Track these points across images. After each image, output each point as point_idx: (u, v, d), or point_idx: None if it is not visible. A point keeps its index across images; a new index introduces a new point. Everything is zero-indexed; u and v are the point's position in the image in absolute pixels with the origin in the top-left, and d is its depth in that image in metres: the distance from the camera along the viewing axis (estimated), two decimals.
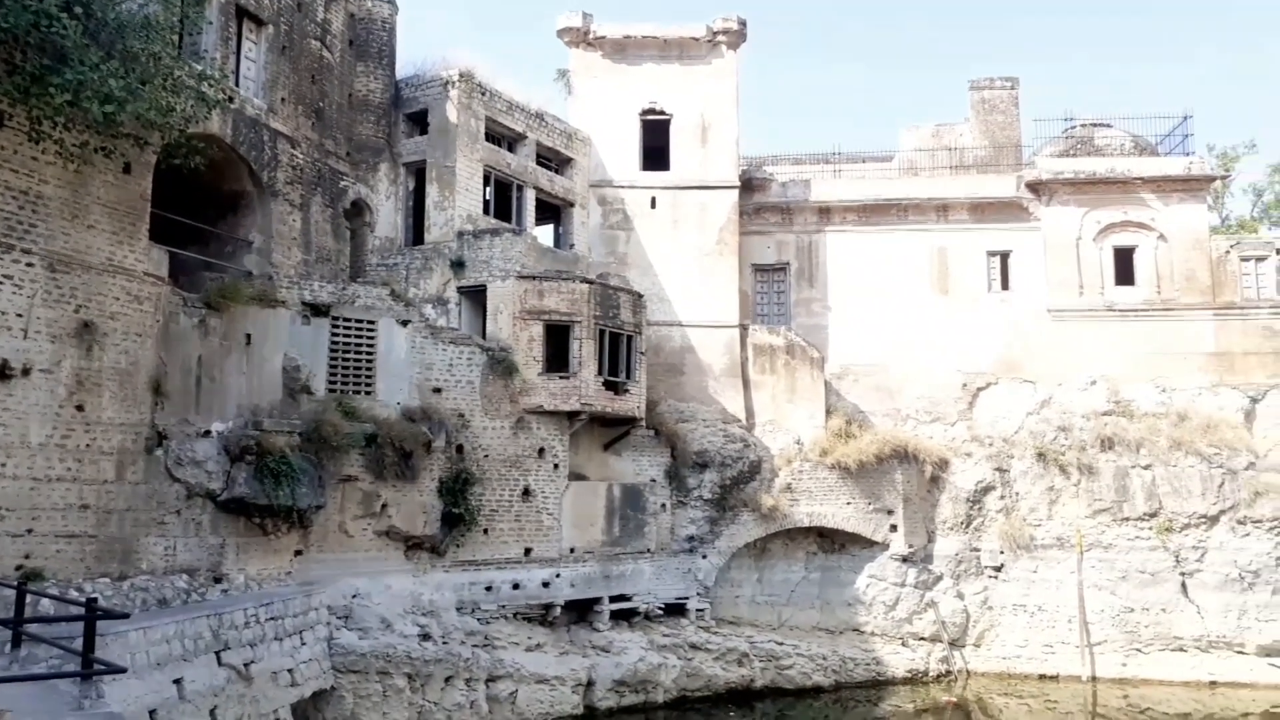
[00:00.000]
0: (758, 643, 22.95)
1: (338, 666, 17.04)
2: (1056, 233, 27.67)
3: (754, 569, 24.72)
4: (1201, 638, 23.71)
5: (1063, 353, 26.98)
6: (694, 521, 23.98)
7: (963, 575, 24.85)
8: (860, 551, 24.74)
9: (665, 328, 25.78)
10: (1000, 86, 30.82)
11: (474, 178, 23.12)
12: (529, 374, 20.88)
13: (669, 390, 25.34)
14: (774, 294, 28.59)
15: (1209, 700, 22.43)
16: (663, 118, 26.83)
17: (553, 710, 19.53)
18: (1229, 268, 27.19)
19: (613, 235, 26.39)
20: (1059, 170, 27.85)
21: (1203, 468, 24.38)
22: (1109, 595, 24.10)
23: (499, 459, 20.54)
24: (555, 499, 21.17)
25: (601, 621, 21.75)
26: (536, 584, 20.84)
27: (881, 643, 24.06)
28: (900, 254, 28.15)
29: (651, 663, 21.13)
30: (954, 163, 30.01)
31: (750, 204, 27.90)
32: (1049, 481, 25.01)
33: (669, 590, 23.31)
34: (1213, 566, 23.90)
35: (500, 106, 24.03)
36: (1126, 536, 24.36)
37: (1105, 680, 23.53)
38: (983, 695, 22.90)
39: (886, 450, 24.79)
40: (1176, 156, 28.51)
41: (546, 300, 21.27)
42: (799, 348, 26.36)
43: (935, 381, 27.33)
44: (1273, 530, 23.70)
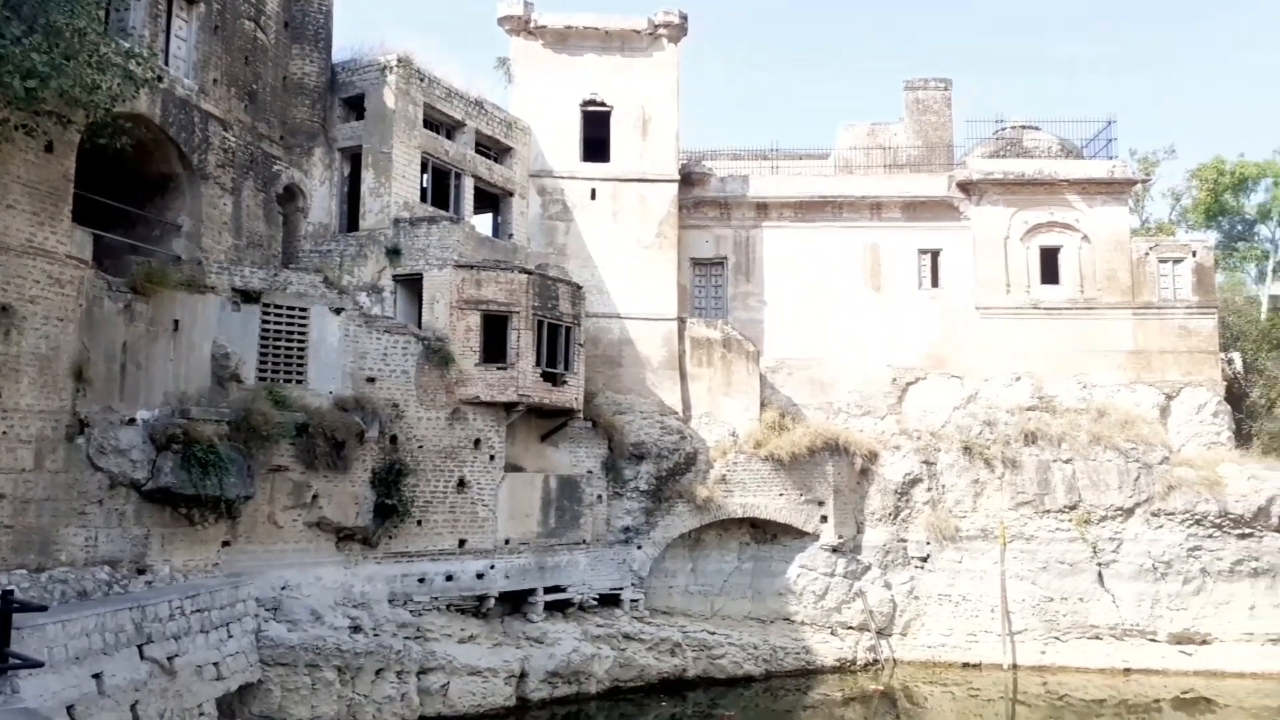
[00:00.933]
0: (691, 632, 23.18)
1: (265, 659, 16.81)
2: (985, 232, 28.38)
3: (688, 559, 24.95)
4: (1116, 626, 24.60)
5: (990, 349, 27.73)
6: (630, 512, 24.10)
7: (890, 565, 25.40)
8: (792, 542, 25.13)
9: (604, 320, 25.81)
10: (934, 88, 31.44)
11: (411, 164, 22.84)
12: (465, 364, 20.74)
13: (607, 382, 25.39)
14: (712, 288, 28.82)
15: (1123, 687, 23.29)
16: (603, 109, 26.82)
17: (485, 702, 19.49)
18: (1148, 269, 28.19)
19: (552, 226, 26.31)
20: (989, 171, 28.54)
21: (1120, 462, 25.26)
22: (1030, 585, 24.86)
23: (434, 450, 20.38)
24: (491, 490, 21.08)
25: (536, 613, 21.74)
26: (470, 576, 20.75)
27: (811, 632, 24.50)
28: (835, 250, 28.59)
29: (585, 654, 21.21)
30: (888, 162, 30.56)
31: (689, 198, 28.07)
32: (974, 474, 25.68)
33: (604, 581, 23.40)
34: (1128, 557, 24.79)
35: (439, 93, 23.76)
36: (1047, 528, 25.14)
37: (1025, 668, 24.26)
38: (908, 683, 23.46)
39: (819, 443, 25.20)
40: (1101, 160, 29.43)
41: (484, 290, 21.13)
42: (735, 341, 26.62)
43: (867, 376, 27.87)
44: (1184, 522, 24.66)
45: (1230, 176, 41.48)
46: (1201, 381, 27.46)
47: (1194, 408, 27.13)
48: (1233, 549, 24.46)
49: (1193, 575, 24.55)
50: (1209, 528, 24.52)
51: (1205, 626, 24.35)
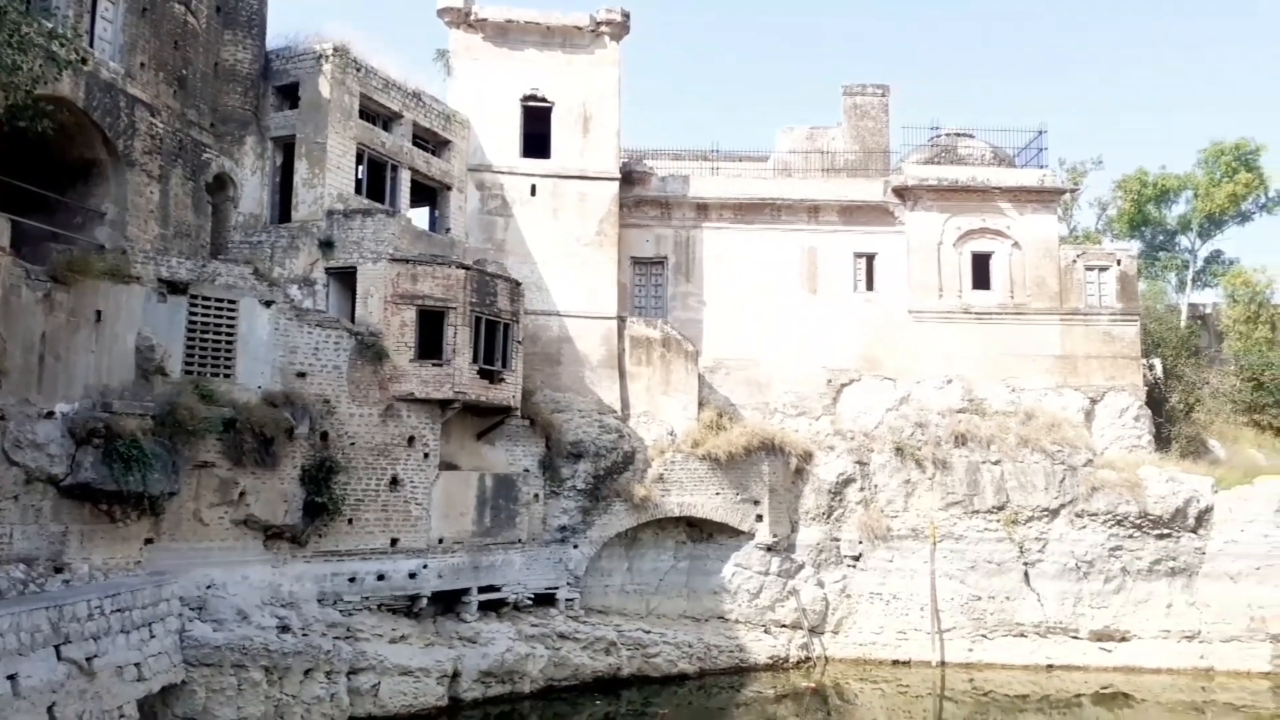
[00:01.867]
0: (626, 631, 23.18)
1: (190, 660, 16.36)
2: (919, 237, 28.89)
3: (624, 558, 24.94)
4: (1041, 624, 25.22)
5: (922, 352, 28.25)
6: (567, 511, 23.99)
7: (823, 564, 25.70)
8: (727, 541, 25.27)
9: (543, 317, 25.66)
10: (872, 93, 31.88)
11: (346, 156, 22.44)
12: (400, 360, 20.44)
13: (546, 380, 25.25)
14: (652, 287, 28.85)
15: (1046, 682, 23.89)
16: (544, 105, 26.66)
17: (416, 702, 19.25)
18: (1075, 276, 28.97)
19: (491, 221, 26.08)
20: (923, 177, 29.06)
21: (1046, 464, 25.90)
22: (958, 584, 25.37)
23: (366, 447, 20.05)
24: (425, 489, 20.81)
25: (469, 612, 21.53)
26: (403, 575, 20.45)
27: (745, 630, 24.67)
28: (773, 252, 28.84)
29: (519, 653, 21.06)
30: (826, 166, 30.91)
31: (630, 196, 28.06)
32: (906, 475, 26.11)
33: (539, 580, 23.26)
34: (1052, 557, 25.44)
35: (376, 84, 23.39)
36: (976, 528, 25.67)
37: (953, 665, 24.77)
38: (840, 681, 23.76)
39: (755, 442, 25.38)
40: (1032, 169, 30.15)
41: (420, 285, 20.85)
42: (675, 341, 26.69)
43: (803, 376, 28.17)
44: (1106, 523, 25.38)
45: (1153, 188, 42.87)
46: (1124, 386, 28.32)
47: (1117, 411, 27.97)
48: (1151, 549, 25.25)
49: (1114, 574, 25.28)
50: (1129, 528, 25.27)
51: (1125, 624, 25.10)
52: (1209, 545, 25.13)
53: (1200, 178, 42.45)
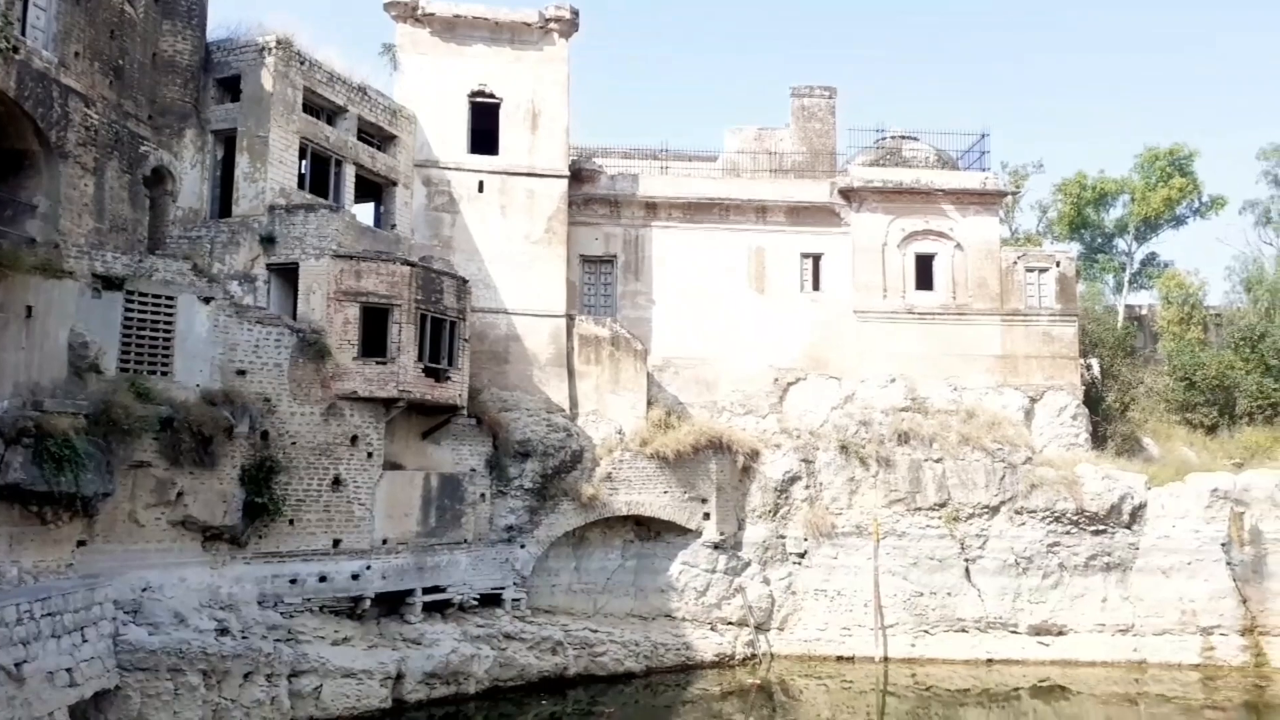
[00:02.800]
0: (572, 631, 23.13)
1: (124, 664, 15.96)
2: (864, 238, 29.23)
3: (572, 557, 24.89)
4: (981, 619, 25.69)
5: (866, 351, 28.62)
6: (514, 511, 23.87)
7: (769, 561, 25.90)
8: (675, 539, 25.35)
9: (491, 315, 25.50)
10: (819, 95, 32.18)
11: (289, 150, 22.07)
12: (343, 358, 20.17)
13: (493, 378, 25.10)
14: (601, 285, 28.82)
15: (986, 677, 24.34)
16: (492, 101, 26.48)
17: (360, 704, 19.02)
18: (1016, 277, 29.54)
19: (437, 217, 25.83)
20: (869, 179, 29.41)
21: (987, 462, 26.38)
22: (901, 580, 25.74)
23: (308, 446, 19.75)
24: (368, 489, 20.56)
25: (414, 613, 21.32)
26: (345, 576, 20.19)
27: (692, 628, 24.77)
28: (722, 252, 29.00)
29: (464, 654, 20.91)
30: (774, 166, 31.14)
31: (580, 194, 27.99)
32: (850, 473, 26.42)
33: (485, 580, 23.12)
34: (993, 553, 25.92)
35: (320, 77, 23.03)
36: (919, 525, 26.06)
37: (896, 660, 25.14)
38: (785, 677, 23.97)
39: (703, 441, 25.49)
40: (974, 171, 30.67)
41: (364, 281, 20.58)
42: (624, 339, 26.69)
43: (750, 375, 28.37)
44: (1045, 519, 25.93)
45: (1091, 191, 43.85)
46: (1062, 385, 28.96)
47: (1055, 410, 28.58)
48: (1088, 545, 25.85)
49: (1051, 570, 25.84)
50: (1067, 525, 25.84)
51: (1062, 618, 25.68)
52: (1142, 541, 25.80)
53: (1137, 182, 43.52)
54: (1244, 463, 28.15)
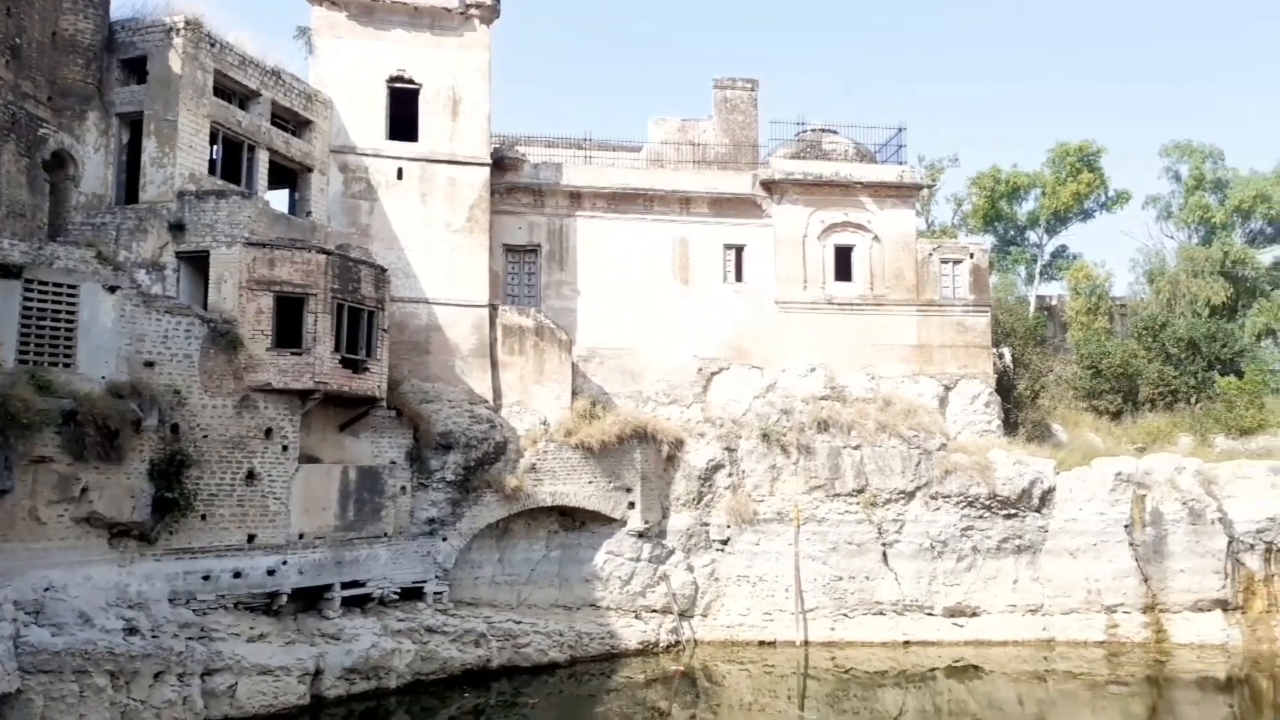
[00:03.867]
0: (496, 623, 23.00)
1: (26, 667, 15.41)
2: (786, 230, 29.59)
3: (495, 549, 24.74)
4: (898, 602, 26.30)
5: (788, 341, 29.01)
6: (435, 504, 23.60)
7: (693, 549, 26.12)
8: (600, 529, 25.38)
9: (411, 305, 25.13)
10: (741, 87, 32.38)
11: (199, 134, 21.40)
12: (256, 349, 19.67)
13: (413, 369, 24.75)
14: (525, 275, 28.61)
15: (902, 658, 24.94)
16: (412, 86, 26.03)
17: (277, 702, 18.62)
18: (931, 269, 30.24)
19: (355, 205, 25.33)
20: (790, 171, 29.76)
21: (903, 449, 26.98)
22: (821, 565, 26.20)
23: (220, 440, 19.23)
24: (284, 483, 20.11)
25: (332, 609, 20.96)
26: (261, 572, 19.74)
27: (616, 616, 24.85)
28: (646, 242, 29.05)
29: (385, 648, 20.61)
30: (697, 158, 31.27)
31: (502, 183, 27.73)
32: (772, 460, 26.77)
33: (406, 574, 22.84)
34: (909, 537, 26.54)
35: (232, 60, 22.37)
36: (838, 511, 26.54)
37: (816, 644, 25.59)
38: (708, 663, 24.22)
39: (628, 431, 25.54)
40: (892, 165, 31.26)
41: (278, 270, 20.09)
42: (548, 330, 26.57)
43: (675, 366, 28.53)
44: (958, 504, 26.64)
45: (1005, 185, 45.13)
46: (976, 374, 29.76)
47: (969, 398, 29.38)
48: (1000, 528, 26.64)
49: (965, 553, 26.57)
50: (980, 509, 26.60)
51: (975, 600, 26.44)
52: (1051, 524, 26.69)
53: (1048, 176, 44.94)
54: (1146, 447, 29.39)
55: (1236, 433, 31.03)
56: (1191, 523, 26.20)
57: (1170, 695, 22.43)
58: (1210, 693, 22.68)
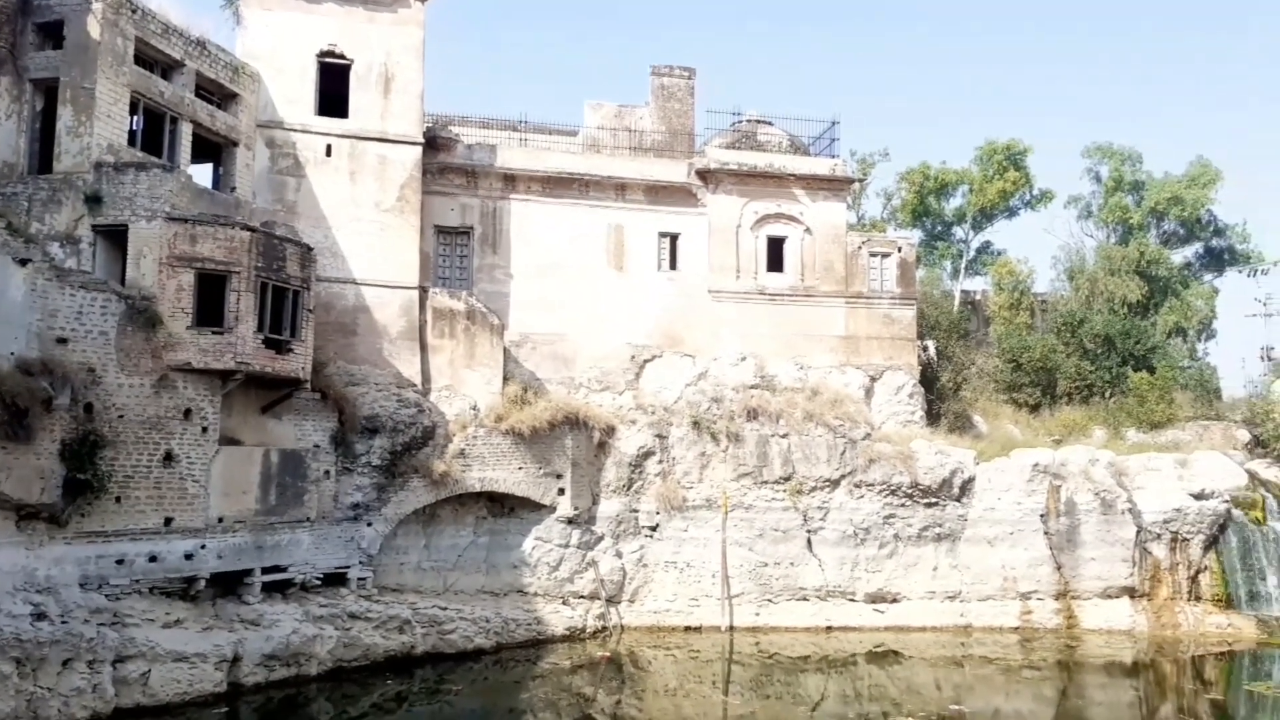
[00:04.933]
0: (420, 609, 22.77)
1: None
2: (720, 219, 29.77)
3: (422, 535, 24.47)
4: (821, 588, 26.76)
5: (720, 330, 29.25)
6: (360, 488, 23.24)
7: (622, 535, 26.20)
8: (529, 515, 25.29)
9: (338, 285, 24.64)
10: (679, 75, 32.37)
11: (119, 104, 20.63)
12: (176, 327, 19.10)
13: (340, 351, 24.29)
14: (457, 258, 28.26)
15: (825, 643, 25.39)
16: (343, 62, 25.43)
17: (192, 689, 18.18)
18: (860, 262, 30.72)
19: (282, 181, 24.70)
20: (725, 161, 29.92)
21: (829, 437, 27.42)
22: (747, 551, 26.52)
23: (137, 420, 18.65)
24: (203, 465, 19.60)
25: (252, 594, 20.52)
26: (178, 556, 19.24)
27: (543, 602, 24.81)
28: (581, 228, 28.94)
29: (306, 634, 20.26)
30: (634, 144, 31.20)
31: (435, 163, 27.32)
32: (702, 448, 26.98)
33: (329, 560, 22.47)
34: (833, 524, 27.01)
35: (155, 28, 21.60)
36: (765, 498, 26.88)
37: (741, 629, 25.91)
38: (634, 648, 24.34)
39: (559, 417, 25.46)
40: (824, 158, 31.63)
41: (200, 246, 19.51)
42: (480, 313, 26.31)
43: (608, 352, 28.53)
44: (882, 492, 27.17)
45: (933, 181, 46.03)
46: (901, 365, 30.37)
47: (893, 389, 29.98)
48: (921, 516, 27.26)
49: (887, 540, 27.14)
50: (902, 497, 27.17)
51: (896, 586, 27.04)
52: (970, 512, 27.41)
53: (975, 174, 45.95)
54: (1062, 439, 30.37)
55: (1147, 426, 32.25)
56: (1103, 513, 27.14)
57: (1080, 679, 23.24)
58: (1117, 677, 23.56)
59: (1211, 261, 49.79)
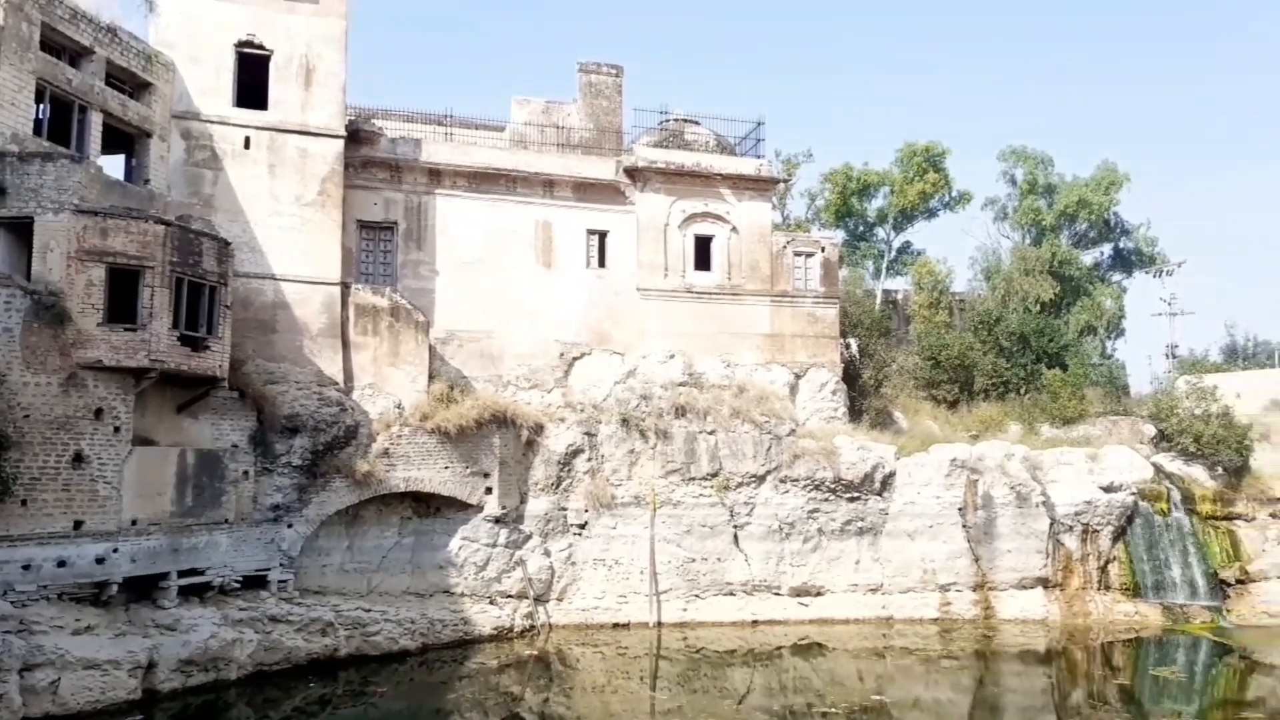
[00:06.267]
0: (344, 611, 22.37)
1: None
2: (648, 217, 29.88)
3: (345, 536, 24.02)
4: (747, 582, 27.07)
5: (648, 328, 29.38)
6: (281, 489, 22.71)
7: (550, 534, 26.12)
8: (455, 514, 25.02)
9: (257, 281, 24.03)
10: (606, 73, 32.40)
11: (23, 91, 19.78)
12: (86, 324, 18.42)
13: (259, 349, 23.70)
14: (380, 253, 27.80)
15: (751, 637, 25.70)
16: (262, 53, 24.80)
17: (104, 697, 17.56)
18: (785, 261, 31.15)
19: (198, 174, 23.99)
20: (653, 159, 30.04)
21: (755, 434, 27.74)
22: (675, 548, 26.68)
23: (44, 420, 17.94)
24: (115, 466, 18.94)
25: (168, 598, 19.91)
26: (89, 560, 18.55)
27: (471, 603, 24.59)
28: (509, 224, 28.74)
29: (225, 639, 19.74)
30: (561, 141, 31.13)
31: (358, 157, 26.83)
32: (630, 445, 27.05)
33: (249, 562, 21.92)
34: (759, 520, 27.34)
35: (62, 13, 20.78)
36: (692, 494, 27.08)
37: (669, 625, 26.07)
38: (562, 646, 24.30)
39: (486, 415, 25.23)
40: (750, 158, 31.97)
41: (112, 240, 18.85)
42: (404, 310, 25.94)
43: (536, 350, 28.40)
44: (806, 488, 27.60)
45: (856, 182, 46.93)
46: (824, 363, 30.88)
47: (817, 386, 30.49)
48: (843, 511, 27.77)
49: (811, 535, 27.58)
50: (826, 492, 27.64)
51: (820, 580, 27.51)
52: (891, 506, 28.02)
53: (896, 175, 46.98)
54: (979, 435, 31.24)
55: (1060, 422, 33.37)
56: (1018, 506, 28.01)
57: (996, 668, 23.95)
58: (1031, 664, 24.34)
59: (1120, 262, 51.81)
